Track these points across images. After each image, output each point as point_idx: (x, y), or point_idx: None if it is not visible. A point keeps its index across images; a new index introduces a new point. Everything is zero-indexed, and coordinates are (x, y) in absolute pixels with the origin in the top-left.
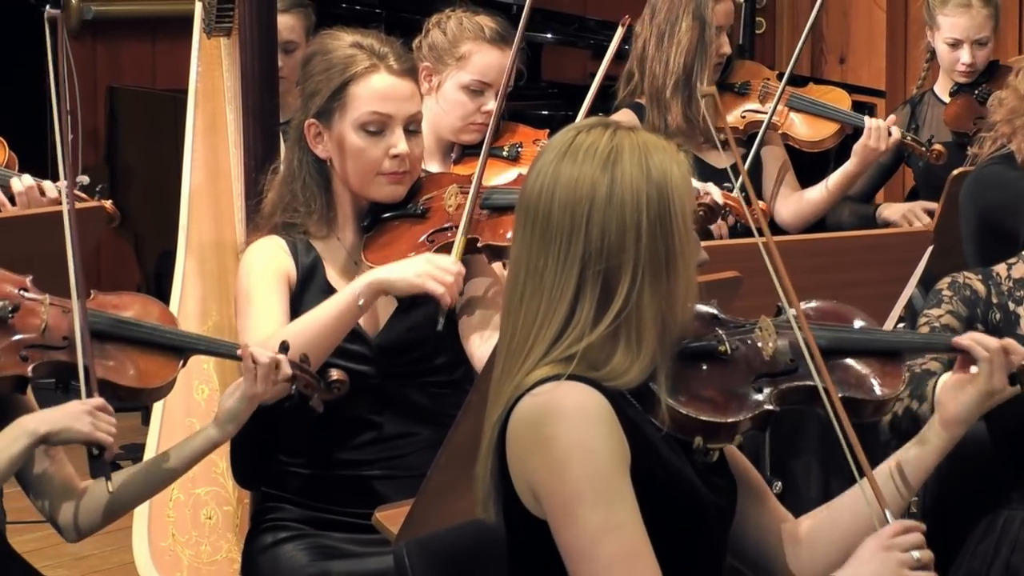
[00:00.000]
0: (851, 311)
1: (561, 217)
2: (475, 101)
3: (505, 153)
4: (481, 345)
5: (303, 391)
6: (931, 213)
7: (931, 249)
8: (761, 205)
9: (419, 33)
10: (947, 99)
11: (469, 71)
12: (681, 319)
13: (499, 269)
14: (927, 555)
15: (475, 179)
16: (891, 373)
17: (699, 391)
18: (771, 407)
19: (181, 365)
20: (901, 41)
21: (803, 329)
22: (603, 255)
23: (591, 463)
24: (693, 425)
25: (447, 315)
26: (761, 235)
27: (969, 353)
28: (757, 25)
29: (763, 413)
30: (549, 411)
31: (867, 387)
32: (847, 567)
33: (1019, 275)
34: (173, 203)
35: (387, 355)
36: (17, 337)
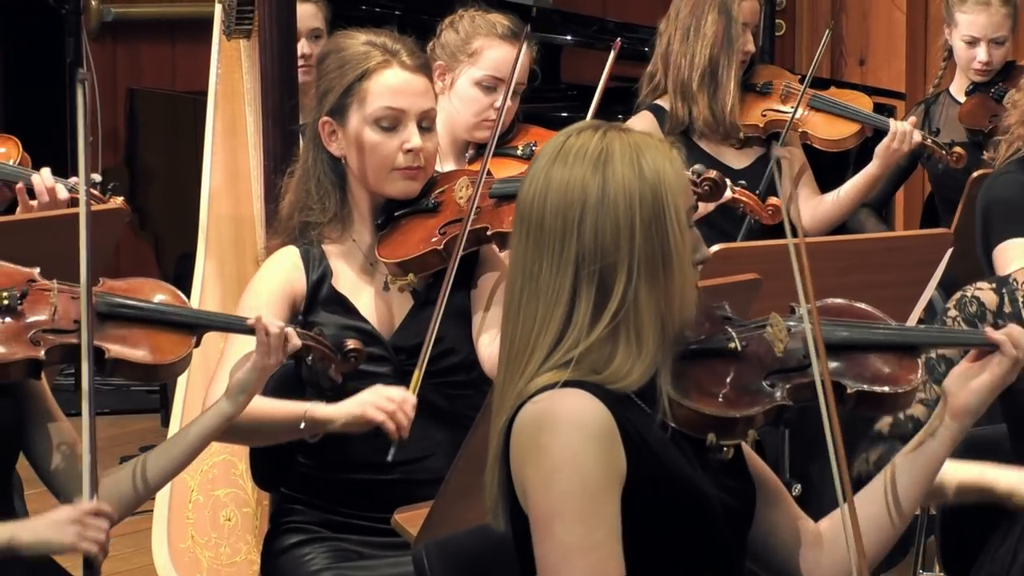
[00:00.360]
0: (866, 310)
1: (554, 220)
2: (488, 97)
3: (520, 152)
4: (489, 345)
5: (320, 363)
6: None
7: (951, 251)
8: (775, 201)
9: (434, 35)
10: (963, 99)
11: (482, 67)
12: (681, 316)
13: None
14: None
15: (481, 168)
16: (907, 367)
17: (709, 388)
18: (783, 402)
19: (195, 343)
20: (921, 43)
21: (813, 325)
22: (597, 255)
23: (577, 480)
24: (704, 421)
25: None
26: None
27: (999, 347)
28: (777, 27)
29: (775, 408)
30: (545, 421)
31: (883, 381)
32: None
33: None
34: (193, 205)
35: (402, 355)
36: (27, 321)
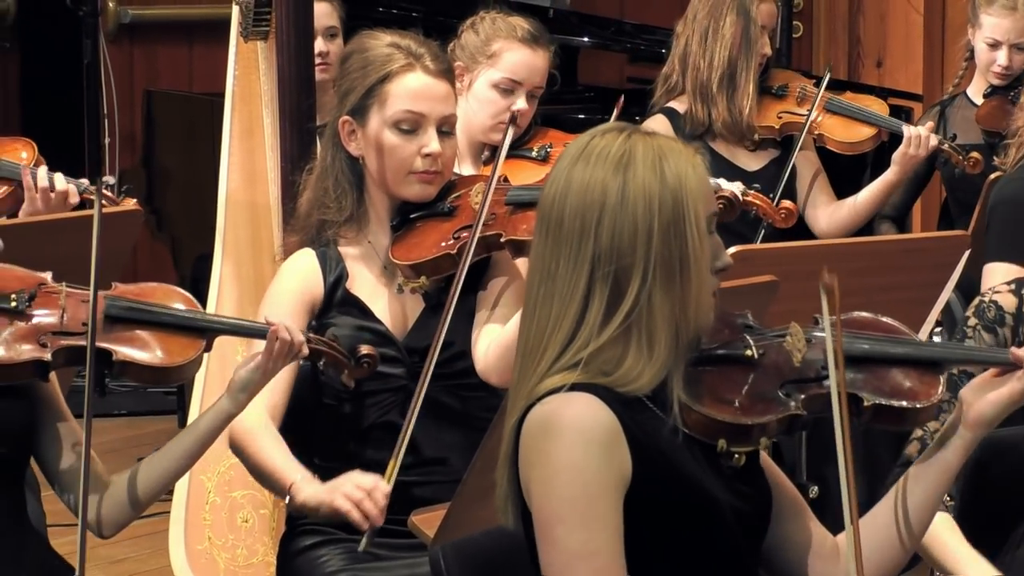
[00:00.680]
0: (889, 323)
1: (573, 220)
2: (506, 99)
3: (535, 154)
4: (484, 351)
5: (332, 368)
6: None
7: (968, 253)
8: (788, 204)
9: (454, 37)
10: (980, 102)
11: (500, 69)
12: (696, 322)
13: (523, 266)
14: None
15: (491, 174)
16: (928, 382)
17: (722, 394)
18: (797, 411)
19: (205, 346)
20: (938, 45)
21: (836, 337)
22: (613, 257)
23: (578, 485)
24: (716, 427)
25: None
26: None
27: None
28: (794, 29)
29: (788, 417)
30: (549, 425)
31: (902, 395)
32: None
33: None
34: (210, 207)
35: (415, 357)
36: (36, 324)
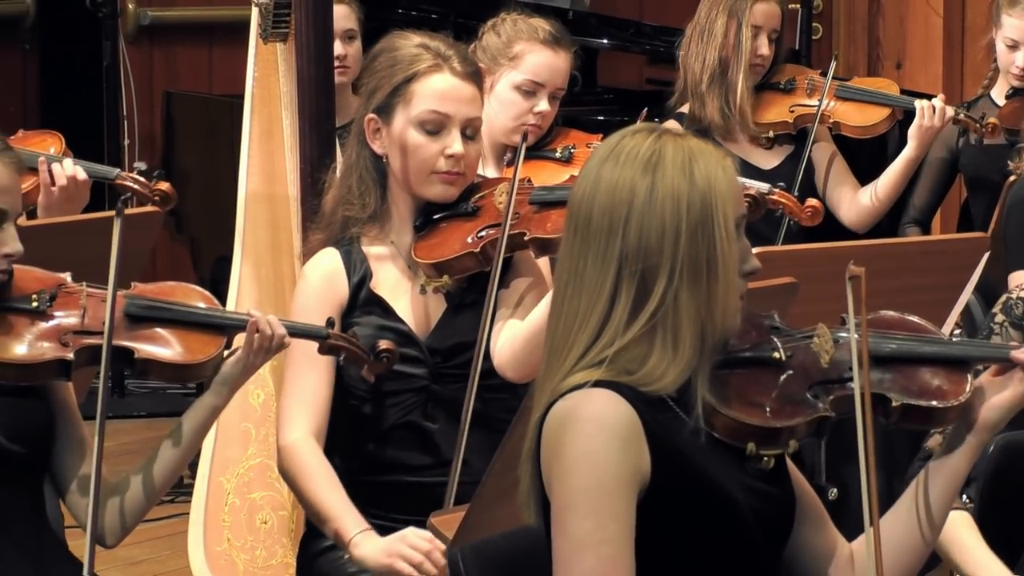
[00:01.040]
0: (916, 322)
1: (601, 219)
2: (528, 101)
3: (558, 155)
4: (503, 345)
5: (352, 364)
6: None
7: (988, 255)
8: (814, 203)
9: (475, 38)
10: (1003, 103)
11: (522, 71)
12: (723, 324)
13: (546, 268)
14: None
15: (514, 171)
16: (956, 381)
17: (751, 397)
18: (825, 413)
19: (226, 344)
20: (958, 47)
21: (861, 338)
22: (640, 256)
23: (592, 475)
24: (745, 431)
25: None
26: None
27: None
28: (814, 31)
29: (817, 419)
30: (569, 418)
31: (931, 395)
32: None
33: None
34: (229, 208)
35: (437, 358)
36: (56, 324)
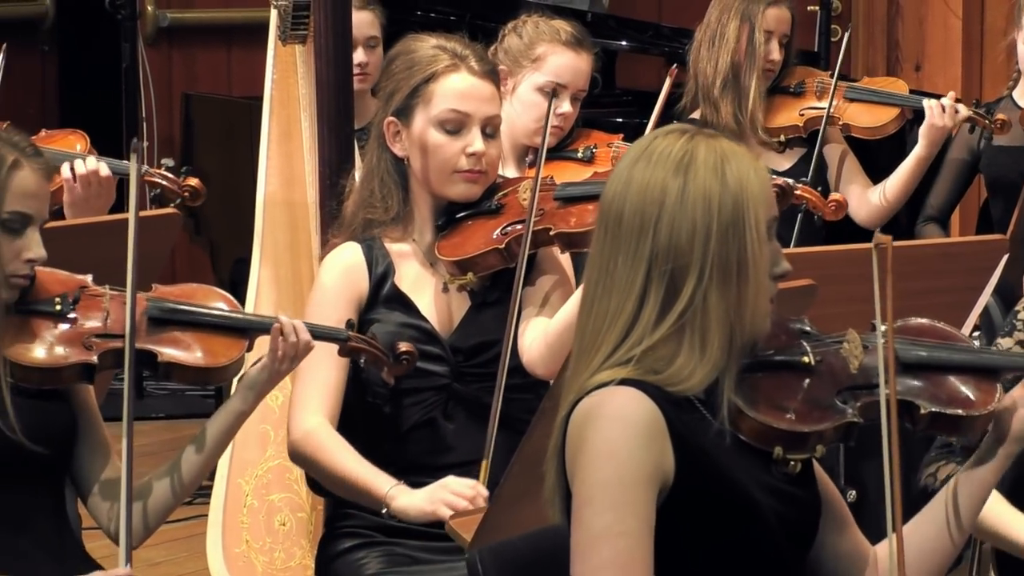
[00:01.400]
0: (947, 330)
1: (632, 218)
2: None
3: (580, 155)
4: (532, 343)
5: (372, 366)
6: None
7: (1007, 257)
8: (838, 196)
9: (496, 40)
10: None
11: (544, 72)
12: (752, 326)
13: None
14: None
15: (537, 169)
16: (986, 390)
17: (780, 401)
18: (854, 419)
19: (248, 346)
20: (977, 49)
21: (886, 343)
22: (670, 256)
23: (612, 469)
24: (773, 435)
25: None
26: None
27: None
28: (832, 33)
29: (845, 424)
30: (593, 414)
31: (960, 403)
32: None
33: None
34: (248, 210)
35: (459, 356)
36: (80, 327)
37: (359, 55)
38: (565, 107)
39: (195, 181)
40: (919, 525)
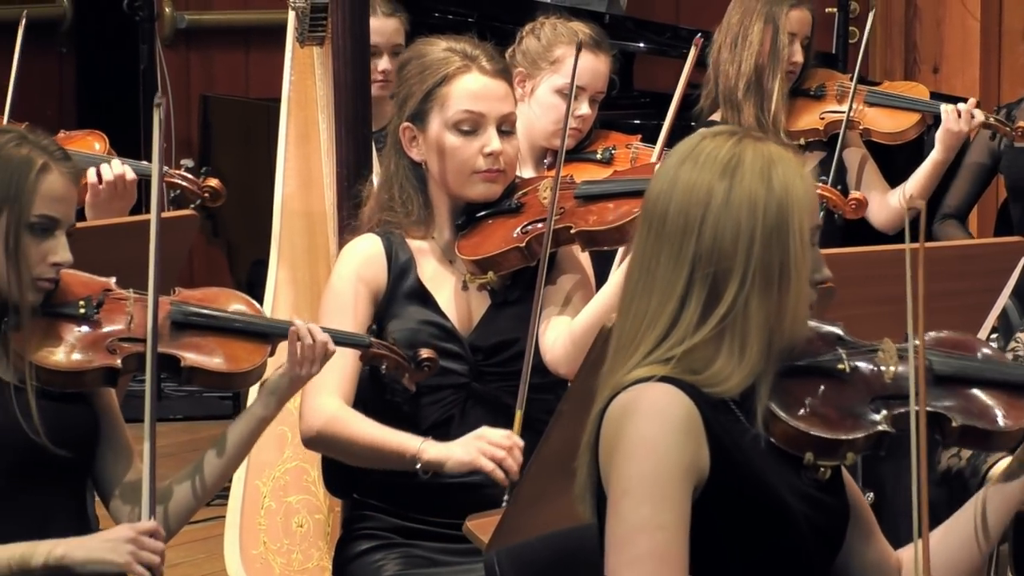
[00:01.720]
0: (978, 342)
1: (676, 219)
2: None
3: (599, 156)
4: (553, 342)
5: (393, 372)
6: None
7: None
8: (858, 195)
9: (513, 42)
10: None
11: (563, 74)
12: (790, 332)
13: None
14: None
15: (557, 167)
16: (1019, 406)
17: (814, 407)
18: (886, 428)
19: (270, 352)
20: (995, 50)
21: (917, 355)
22: (713, 258)
23: (649, 461)
24: (805, 440)
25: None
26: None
27: None
28: (850, 35)
29: (877, 434)
30: (630, 409)
31: (991, 417)
32: None
33: None
34: (266, 212)
35: (479, 355)
36: (104, 331)
37: (384, 62)
38: (583, 109)
39: (215, 182)
40: (946, 535)
